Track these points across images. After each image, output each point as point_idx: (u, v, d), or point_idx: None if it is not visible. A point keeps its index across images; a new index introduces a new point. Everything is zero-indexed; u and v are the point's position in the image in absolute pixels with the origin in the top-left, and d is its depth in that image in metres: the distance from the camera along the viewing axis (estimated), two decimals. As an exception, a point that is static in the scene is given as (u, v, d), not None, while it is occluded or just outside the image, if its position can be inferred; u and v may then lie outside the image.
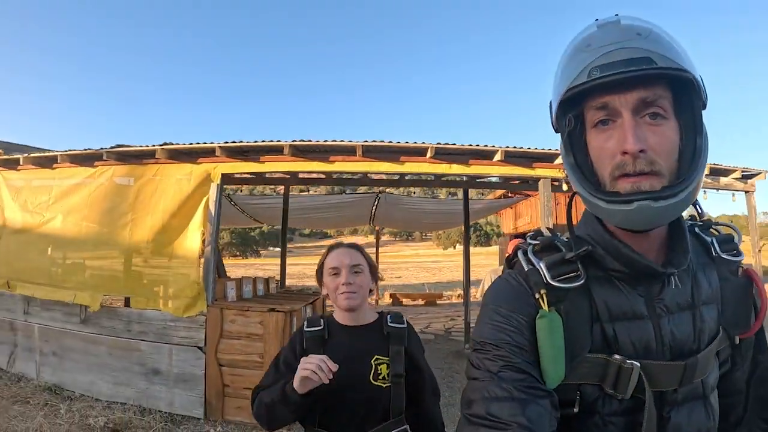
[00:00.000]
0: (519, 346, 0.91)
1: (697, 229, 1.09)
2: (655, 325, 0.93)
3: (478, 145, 5.60)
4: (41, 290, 6.12)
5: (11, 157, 6.74)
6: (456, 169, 5.70)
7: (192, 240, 5.42)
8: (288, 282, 11.81)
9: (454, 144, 5.47)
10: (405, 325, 1.87)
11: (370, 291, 1.91)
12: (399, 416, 1.72)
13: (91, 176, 6.09)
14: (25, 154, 6.56)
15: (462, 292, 14.32)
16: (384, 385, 1.72)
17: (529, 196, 13.18)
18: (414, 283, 27.61)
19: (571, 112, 0.91)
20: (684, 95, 0.86)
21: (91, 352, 5.72)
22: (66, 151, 6.17)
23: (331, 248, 1.94)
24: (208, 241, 5.41)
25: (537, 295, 0.93)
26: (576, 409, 0.93)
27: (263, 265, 45.68)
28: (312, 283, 18.42)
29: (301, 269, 33.74)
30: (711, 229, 1.11)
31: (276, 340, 4.93)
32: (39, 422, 4.92)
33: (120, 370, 5.53)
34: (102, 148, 5.92)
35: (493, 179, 7.38)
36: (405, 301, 17.32)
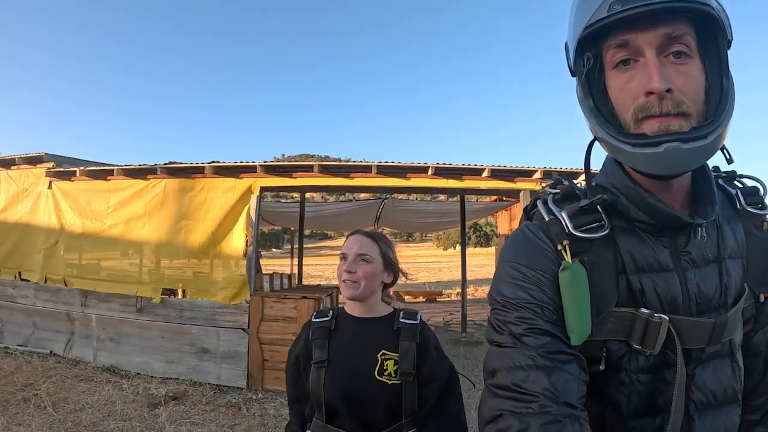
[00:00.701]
0: (541, 305, 0.87)
1: (720, 181, 1.04)
2: (681, 278, 0.89)
3: (470, 165, 6.74)
4: (103, 285, 7.21)
5: (67, 169, 7.84)
6: (452, 183, 6.84)
7: (237, 241, 6.57)
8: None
9: (450, 164, 6.60)
10: (418, 322, 1.76)
11: (386, 285, 1.85)
12: (410, 417, 1.64)
13: (145, 188, 7.18)
14: (82, 167, 7.67)
15: (461, 292, 15.47)
16: (389, 382, 1.63)
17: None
18: (415, 282, 28.67)
19: (589, 52, 0.86)
20: (708, 33, 0.81)
21: (145, 336, 6.81)
22: (122, 165, 7.27)
23: (350, 234, 1.87)
24: (250, 242, 6.57)
25: (559, 247, 0.89)
26: (602, 367, 0.89)
27: (267, 266, 46.51)
28: (316, 281, 19.44)
29: (304, 269, 34.66)
30: (735, 181, 1.05)
31: (302, 313, 6.14)
32: (108, 393, 5.98)
33: (172, 351, 6.63)
34: (156, 164, 7.04)
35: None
36: (407, 298, 18.29)
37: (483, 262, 36.39)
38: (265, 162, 6.74)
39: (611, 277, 0.90)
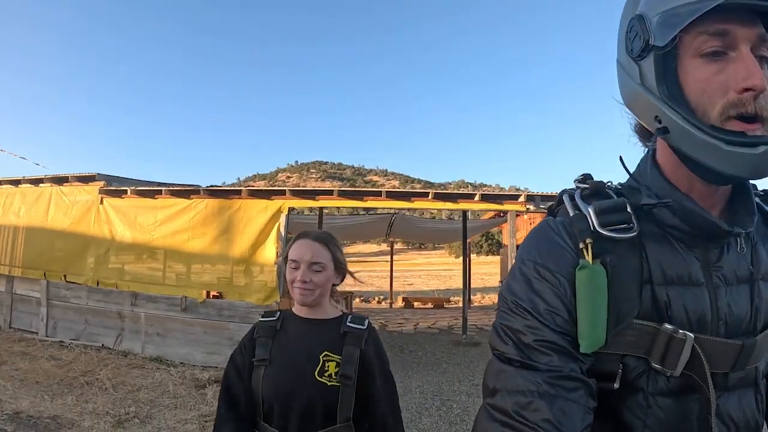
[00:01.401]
0: (552, 311, 0.81)
1: (757, 198, 0.94)
2: (712, 295, 0.82)
3: (463, 190, 7.89)
4: (153, 288, 8.46)
5: (119, 188, 9.08)
6: (448, 205, 8.02)
7: (269, 252, 7.78)
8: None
9: (447, 190, 7.73)
10: (365, 327, 1.76)
11: (334, 286, 1.82)
12: (346, 422, 1.62)
13: (189, 206, 8.42)
14: (132, 187, 8.92)
15: (468, 298, 16.56)
16: (328, 383, 1.61)
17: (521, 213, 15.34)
18: (424, 289, 29.54)
19: (682, 33, 0.75)
20: None
21: (188, 331, 8.01)
22: (168, 186, 8.51)
23: (296, 237, 1.83)
24: (279, 253, 7.72)
25: (581, 245, 0.82)
26: (617, 385, 0.82)
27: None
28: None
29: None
30: None
31: None
32: (159, 377, 7.12)
33: (212, 344, 7.81)
34: (198, 186, 8.35)
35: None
36: (416, 304, 19.31)
37: (494, 270, 37.25)
38: (293, 188, 8.11)
39: (634, 286, 0.82)
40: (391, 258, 20.62)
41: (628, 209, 0.85)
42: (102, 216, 9.11)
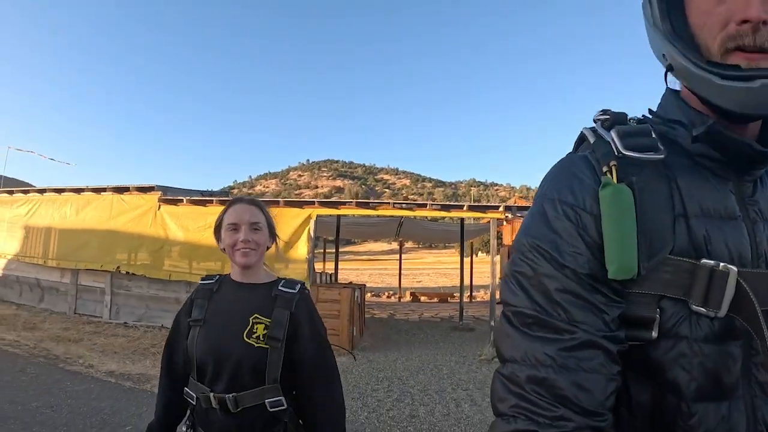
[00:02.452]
0: (576, 251, 0.74)
1: None
2: (749, 230, 0.76)
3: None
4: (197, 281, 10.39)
5: (176, 198, 11.06)
6: (443, 213, 9.98)
7: (301, 250, 9.70)
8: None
9: (444, 202, 9.64)
10: (296, 291, 1.75)
11: (268, 248, 1.86)
12: (273, 383, 1.62)
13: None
14: (187, 197, 10.89)
15: (469, 293, 18.55)
16: (255, 344, 1.62)
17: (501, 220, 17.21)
18: (432, 286, 31.34)
19: None
20: None
21: (234, 313, 9.99)
22: (218, 196, 10.46)
23: (231, 203, 1.84)
24: (309, 251, 9.68)
25: (605, 168, 0.76)
26: (655, 333, 0.73)
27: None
28: (341, 280, 22.59)
29: (328, 270, 37.82)
30: None
31: (347, 303, 9.07)
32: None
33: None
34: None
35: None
36: (423, 298, 21.21)
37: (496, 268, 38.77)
38: (321, 200, 10.16)
39: (666, 217, 0.74)
40: (400, 256, 22.51)
41: (653, 135, 0.78)
42: (158, 220, 11.05)
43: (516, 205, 10.35)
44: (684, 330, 0.73)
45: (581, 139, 0.91)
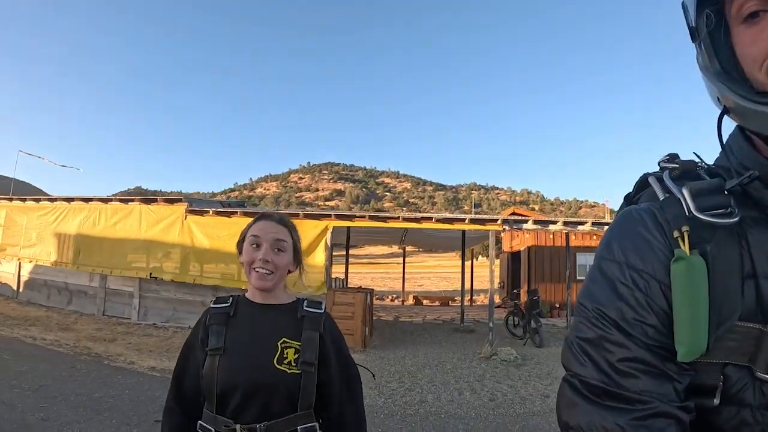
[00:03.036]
0: (643, 321, 0.71)
1: None
2: None
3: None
4: (227, 282, 11.33)
5: (202, 209, 12.07)
6: (446, 225, 10.99)
7: (319, 258, 10.73)
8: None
9: (447, 215, 10.62)
10: (323, 311, 1.67)
11: (289, 272, 1.71)
12: (308, 410, 1.54)
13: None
14: (213, 209, 11.92)
15: (470, 297, 19.61)
16: (289, 371, 1.51)
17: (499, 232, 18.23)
18: (434, 290, 32.44)
19: (708, 7, 0.72)
20: None
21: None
22: (243, 208, 11.49)
23: (258, 218, 1.72)
24: (326, 257, 10.69)
25: (675, 234, 0.71)
26: (717, 401, 0.71)
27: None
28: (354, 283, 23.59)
29: (333, 274, 38.90)
30: None
31: (360, 306, 10.03)
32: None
33: (275, 324, 10.85)
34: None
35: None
36: (425, 302, 22.23)
37: (496, 273, 39.89)
38: (337, 213, 11.20)
39: (736, 281, 0.69)
40: (404, 261, 23.44)
41: (725, 191, 0.73)
42: (185, 229, 12.05)
43: (512, 218, 11.31)
44: (748, 397, 0.69)
45: (642, 184, 0.86)
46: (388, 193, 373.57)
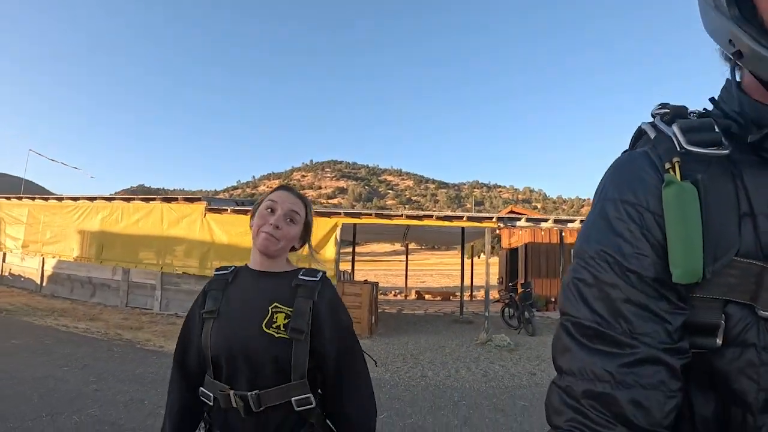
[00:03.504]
0: (640, 253, 0.72)
1: None
2: None
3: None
4: None
5: (221, 207, 13.09)
6: (446, 223, 11.99)
7: (329, 252, 11.72)
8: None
9: (446, 213, 11.64)
10: (318, 279, 1.60)
11: (293, 249, 1.73)
12: (300, 379, 1.48)
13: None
14: (231, 207, 12.92)
15: (470, 293, 20.64)
16: (276, 335, 1.47)
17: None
18: (435, 286, 33.37)
19: None
20: None
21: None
22: (235, 205, 12.44)
23: (279, 187, 1.72)
24: (336, 252, 11.70)
25: (667, 165, 0.73)
26: (719, 341, 0.71)
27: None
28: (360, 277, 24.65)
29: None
30: None
31: (367, 297, 10.98)
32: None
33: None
34: None
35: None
36: (427, 297, 23.24)
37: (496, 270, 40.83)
38: (346, 211, 12.27)
39: (732, 217, 0.70)
40: (407, 258, 24.39)
41: (717, 129, 0.74)
42: (205, 226, 13.03)
43: (507, 216, 12.45)
44: (751, 337, 0.68)
45: (639, 134, 0.88)
46: (390, 191, 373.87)
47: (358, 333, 2.91)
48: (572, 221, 12.52)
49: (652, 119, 0.85)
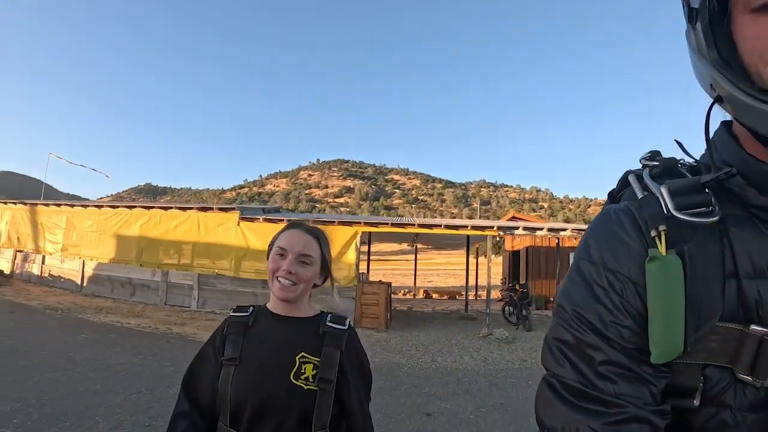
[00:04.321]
0: (619, 324, 0.71)
1: None
2: None
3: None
4: None
5: (253, 216, 14.85)
6: (452, 231, 13.75)
7: (351, 257, 13.47)
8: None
9: (453, 222, 13.37)
10: (346, 327, 1.60)
11: (315, 286, 1.67)
12: (322, 429, 1.45)
13: (283, 225, 14.17)
14: (263, 216, 14.78)
15: (474, 292, 22.31)
16: (305, 387, 1.45)
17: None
18: (443, 285, 35.00)
19: None
20: None
21: (299, 303, 13.77)
22: (289, 218, 14.22)
23: (286, 227, 1.68)
24: (356, 257, 13.45)
25: (653, 233, 0.70)
26: (696, 402, 0.71)
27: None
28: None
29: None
30: None
31: (383, 295, 12.68)
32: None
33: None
34: (308, 219, 13.90)
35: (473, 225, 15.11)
36: (435, 296, 24.88)
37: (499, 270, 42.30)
38: (366, 220, 14.05)
39: (716, 281, 0.69)
40: (416, 258, 25.94)
41: (707, 190, 0.72)
42: (239, 233, 14.75)
43: (506, 225, 14.35)
44: (728, 399, 0.69)
45: (624, 182, 0.86)
46: (397, 190, 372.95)
47: (375, 327, 3.87)
48: (564, 229, 14.26)
49: (640, 167, 0.83)
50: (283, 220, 14.20)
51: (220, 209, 15.44)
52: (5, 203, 20.84)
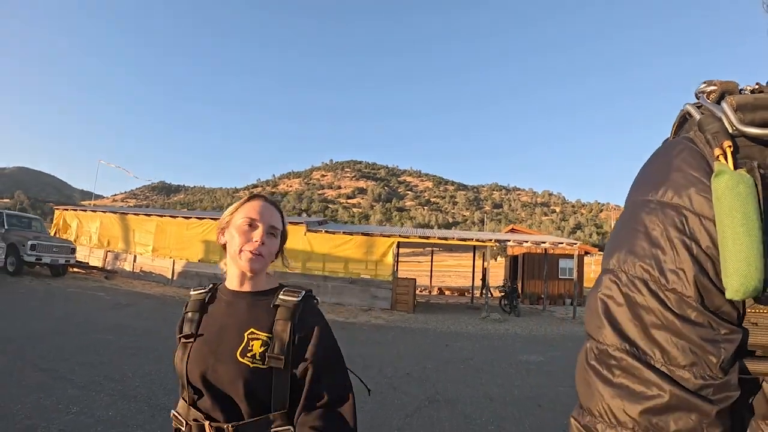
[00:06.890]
0: (680, 269, 0.59)
1: None
2: None
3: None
4: (337, 272, 19.35)
5: (316, 228, 20.09)
6: (460, 242, 19.08)
7: (389, 260, 18.79)
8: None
9: (463, 234, 18.76)
10: (299, 298, 1.49)
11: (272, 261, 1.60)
12: (282, 410, 1.39)
13: (352, 239, 19.35)
14: (326, 228, 20.10)
15: (480, 290, 27.57)
16: (251, 365, 1.39)
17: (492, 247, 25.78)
18: (453, 285, 40.06)
19: None
20: None
21: (349, 291, 18.85)
22: (342, 230, 19.50)
23: (249, 198, 1.59)
24: (394, 262, 18.83)
25: (716, 152, 0.60)
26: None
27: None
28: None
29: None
30: None
31: (411, 288, 18.08)
32: (345, 312, 17.67)
33: (364, 298, 18.63)
34: (345, 232, 19.34)
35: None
36: (447, 292, 30.09)
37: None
38: (400, 234, 19.41)
39: None
40: (431, 261, 31.14)
41: None
42: (306, 240, 19.89)
43: (503, 238, 19.98)
44: None
45: (682, 119, 0.74)
46: (409, 192, 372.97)
47: (406, 310, 8.92)
48: (543, 242, 19.63)
49: (696, 99, 0.72)
50: (340, 232, 19.52)
51: (290, 223, 20.40)
52: (94, 212, 24.70)
